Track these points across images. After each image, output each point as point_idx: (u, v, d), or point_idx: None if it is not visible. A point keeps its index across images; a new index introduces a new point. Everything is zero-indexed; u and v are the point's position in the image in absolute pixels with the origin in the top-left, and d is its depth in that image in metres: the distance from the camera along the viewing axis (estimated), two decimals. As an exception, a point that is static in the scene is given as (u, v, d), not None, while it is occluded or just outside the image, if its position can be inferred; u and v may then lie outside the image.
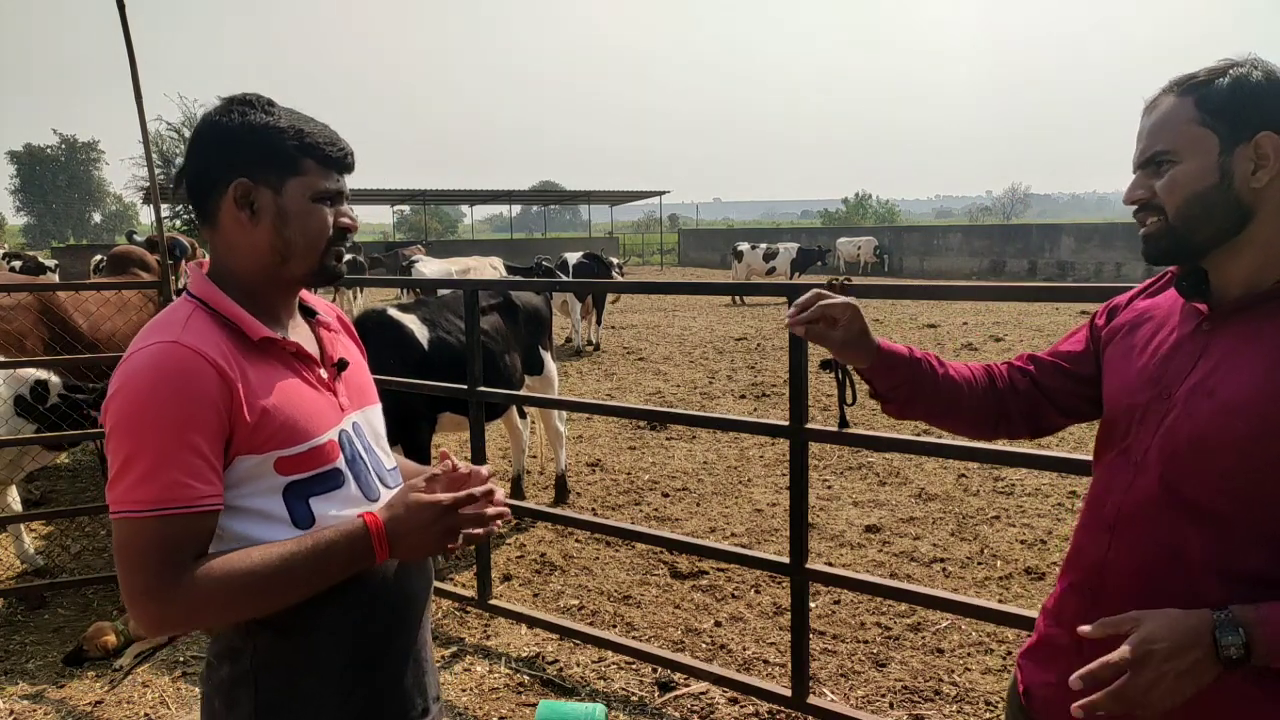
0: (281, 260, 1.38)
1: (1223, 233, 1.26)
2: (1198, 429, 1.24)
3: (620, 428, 7.68)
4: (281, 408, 1.32)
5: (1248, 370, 1.23)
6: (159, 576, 1.21)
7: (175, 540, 1.22)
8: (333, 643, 1.37)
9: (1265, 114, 1.22)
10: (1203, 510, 1.23)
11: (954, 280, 24.47)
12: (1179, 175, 1.27)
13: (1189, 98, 1.26)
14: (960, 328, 13.94)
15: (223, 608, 1.25)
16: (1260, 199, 1.24)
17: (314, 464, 1.35)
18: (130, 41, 3.69)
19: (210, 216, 1.38)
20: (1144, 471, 1.30)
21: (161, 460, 1.21)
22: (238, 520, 1.30)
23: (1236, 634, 1.10)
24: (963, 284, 3.21)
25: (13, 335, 5.20)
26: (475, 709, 3.32)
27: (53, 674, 3.66)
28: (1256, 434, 1.19)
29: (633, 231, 62.37)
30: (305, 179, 1.36)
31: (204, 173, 1.36)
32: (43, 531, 5.34)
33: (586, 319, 12.71)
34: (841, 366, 2.82)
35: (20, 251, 20.86)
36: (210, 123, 1.37)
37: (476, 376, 3.76)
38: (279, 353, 1.38)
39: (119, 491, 1.23)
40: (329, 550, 1.28)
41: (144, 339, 1.30)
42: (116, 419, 1.24)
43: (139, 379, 1.24)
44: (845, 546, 4.85)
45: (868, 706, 3.28)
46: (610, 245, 38.01)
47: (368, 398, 1.55)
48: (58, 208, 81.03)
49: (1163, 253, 1.32)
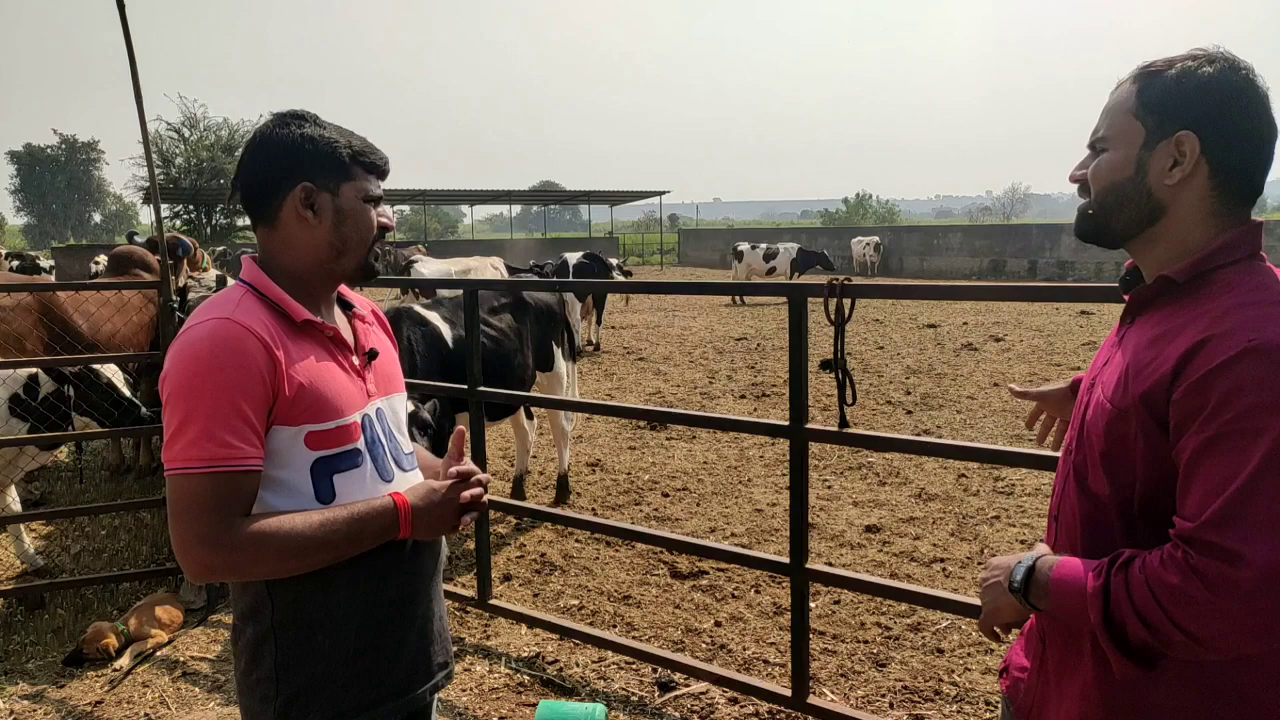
0: (337, 255, 1.54)
1: (1134, 224, 1.30)
2: (1090, 419, 1.33)
3: (620, 428, 7.68)
4: (316, 384, 1.47)
5: (1122, 360, 1.29)
6: (211, 526, 1.35)
7: (225, 496, 1.36)
8: (347, 606, 1.51)
9: (1197, 114, 1.23)
10: (1092, 494, 1.31)
11: (954, 280, 24.47)
12: (1103, 163, 1.32)
13: (1135, 86, 1.29)
14: (960, 328, 13.94)
15: (267, 560, 1.39)
16: (1174, 196, 1.26)
17: (339, 442, 1.49)
18: (130, 41, 3.69)
19: (270, 217, 1.53)
20: (1069, 462, 1.39)
21: (214, 423, 1.35)
22: (266, 489, 1.44)
23: (1021, 574, 1.28)
24: (963, 284, 3.21)
25: (12, 336, 5.20)
26: (475, 709, 3.32)
27: (53, 674, 3.66)
28: (1115, 419, 1.26)
29: (633, 231, 62.35)
30: (356, 183, 1.55)
31: (266, 179, 1.52)
32: (42, 532, 5.34)
33: (586, 319, 12.71)
34: (841, 366, 2.83)
35: (22, 252, 20.89)
36: (270, 134, 1.53)
37: (476, 376, 3.76)
38: (318, 335, 1.53)
39: (175, 450, 1.37)
40: (363, 521, 1.45)
41: (199, 315, 1.45)
42: (175, 384, 1.38)
43: (195, 349, 1.39)
44: (845, 546, 4.85)
45: (868, 706, 3.28)
46: (610, 245, 38.00)
47: (394, 386, 1.69)
48: (57, 208, 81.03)
49: (1085, 233, 1.38)
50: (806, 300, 2.89)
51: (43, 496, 6.06)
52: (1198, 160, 1.23)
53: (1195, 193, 1.25)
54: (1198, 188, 1.25)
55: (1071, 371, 9.54)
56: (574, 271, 13.28)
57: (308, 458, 1.46)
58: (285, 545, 1.38)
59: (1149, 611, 1.12)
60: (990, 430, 7.36)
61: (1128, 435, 1.23)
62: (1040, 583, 1.25)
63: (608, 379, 10.25)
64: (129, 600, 4.27)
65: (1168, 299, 1.27)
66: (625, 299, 17.92)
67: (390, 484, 1.56)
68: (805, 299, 2.88)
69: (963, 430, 7.43)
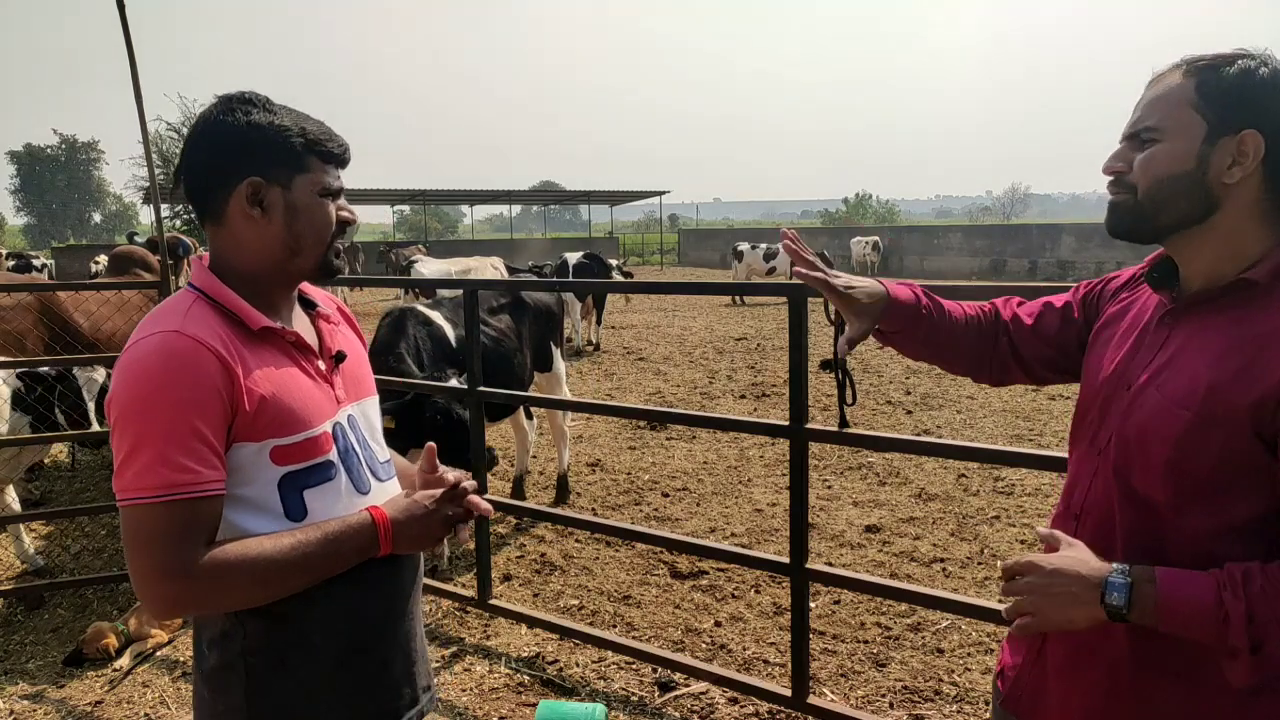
0: (291, 254, 1.41)
1: (1185, 219, 1.27)
2: (1144, 420, 1.27)
3: (620, 428, 7.68)
4: (280, 396, 1.35)
5: (1194, 363, 1.24)
6: (172, 557, 1.24)
7: (185, 524, 1.25)
8: (325, 628, 1.40)
9: (1257, 112, 1.22)
10: (1141, 498, 1.27)
11: (954, 280, 24.45)
12: (1158, 154, 1.27)
13: (1192, 80, 1.25)
14: (960, 328, 13.93)
15: (235, 590, 1.29)
16: (1230, 194, 1.24)
17: (307, 455, 1.38)
18: (130, 41, 3.68)
19: (216, 214, 1.40)
20: (1105, 461, 1.34)
21: (168, 446, 1.24)
22: (233, 509, 1.33)
23: (1123, 592, 1.18)
24: (963, 284, 3.21)
25: (13, 335, 5.20)
26: (475, 709, 3.32)
27: (53, 674, 3.66)
28: (1194, 426, 1.21)
29: (633, 231, 62.35)
30: (311, 175, 1.41)
31: (210, 172, 1.38)
32: (42, 531, 5.34)
33: (587, 319, 12.72)
34: (841, 366, 2.83)
35: (23, 252, 20.93)
36: (215, 122, 1.38)
37: (477, 376, 3.76)
38: (278, 342, 1.41)
39: (127, 478, 1.26)
40: (339, 540, 1.34)
41: (145, 329, 1.32)
42: (123, 407, 1.27)
43: (142, 368, 1.27)
44: (845, 546, 4.85)
45: (868, 706, 3.28)
46: (610, 245, 38.00)
47: (365, 389, 1.57)
48: (57, 208, 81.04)
49: (1125, 228, 1.32)
50: (806, 300, 2.88)
51: (43, 496, 6.06)
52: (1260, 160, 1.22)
53: (1250, 192, 1.24)
54: (1253, 188, 1.24)
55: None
56: (574, 271, 13.29)
57: (274, 474, 1.35)
58: (254, 573, 1.28)
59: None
60: (990, 430, 7.36)
61: (1212, 448, 1.19)
62: (1146, 601, 1.17)
63: (608, 379, 10.25)
64: (129, 600, 4.27)
65: (1234, 300, 1.24)
66: (625, 299, 17.92)
67: (367, 496, 1.45)
68: (805, 299, 2.88)
69: (963, 430, 7.43)
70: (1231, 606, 1.13)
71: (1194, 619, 1.15)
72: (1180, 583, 1.17)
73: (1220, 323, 1.25)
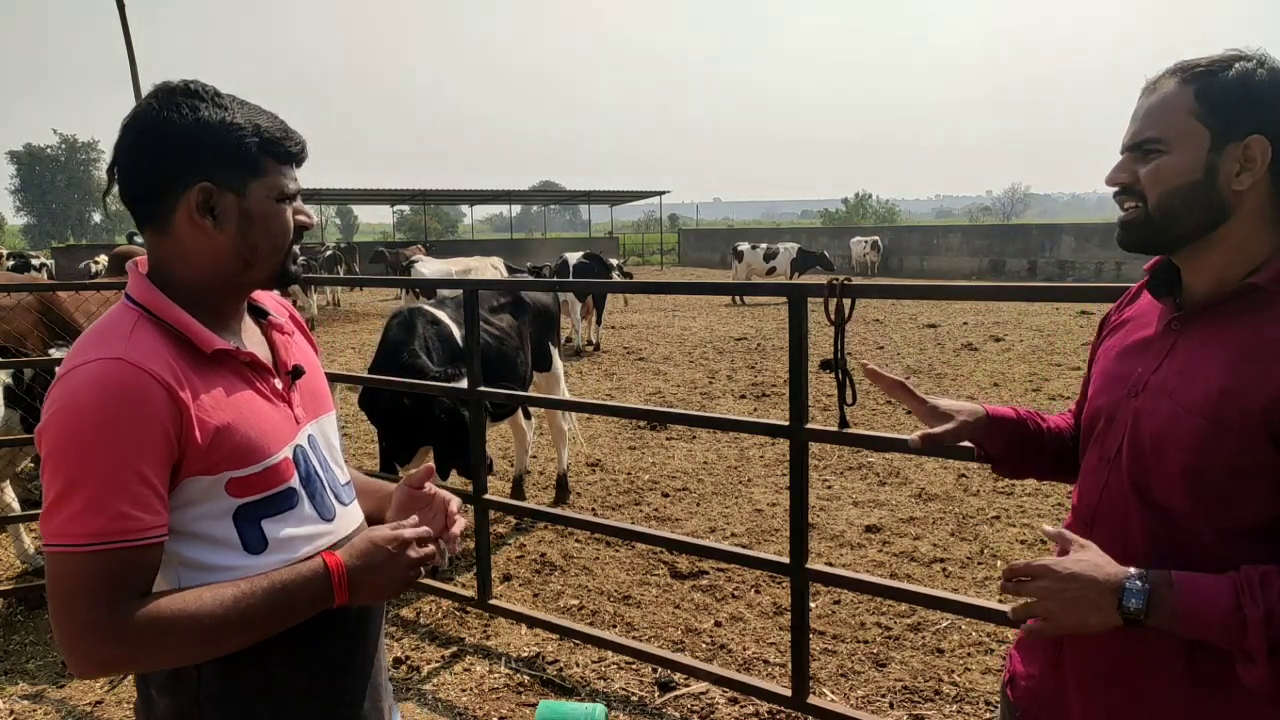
0: (245, 266, 1.28)
1: (1199, 229, 1.25)
2: (1158, 428, 1.26)
3: (620, 428, 7.68)
4: (236, 426, 1.22)
5: (1206, 370, 1.23)
6: (99, 613, 1.11)
7: (118, 576, 1.12)
8: (290, 666, 1.29)
9: (1260, 116, 1.21)
10: (1160, 507, 1.26)
11: (954, 280, 24.47)
12: (1165, 165, 1.25)
13: (1190, 87, 1.24)
14: (960, 328, 13.93)
15: (170, 649, 1.16)
16: (1239, 200, 1.23)
17: (267, 485, 1.26)
18: (130, 41, 3.69)
19: (159, 222, 1.25)
20: (1117, 469, 1.33)
21: (105, 490, 1.11)
22: (185, 545, 1.21)
23: (1141, 597, 1.17)
24: (963, 284, 3.21)
25: (13, 335, 5.20)
26: (475, 709, 3.32)
27: (53, 674, 3.66)
28: (1209, 433, 1.20)
29: (633, 231, 62.37)
30: (268, 180, 1.27)
31: (152, 175, 1.23)
32: (43, 531, 5.34)
33: (587, 319, 12.72)
34: (841, 366, 2.83)
35: (23, 252, 20.97)
36: (158, 118, 1.22)
37: (476, 376, 3.76)
38: (232, 364, 1.27)
39: (57, 523, 1.12)
40: (286, 592, 1.20)
41: (83, 353, 1.17)
42: (54, 443, 1.13)
43: (80, 400, 1.13)
44: (845, 546, 4.85)
45: (868, 706, 3.28)
46: (610, 245, 38.01)
47: (323, 405, 1.44)
48: (57, 208, 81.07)
49: (1138, 241, 1.31)
50: (806, 300, 2.89)
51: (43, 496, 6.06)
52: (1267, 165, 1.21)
53: (1259, 198, 1.23)
54: (1261, 193, 1.23)
55: (1071, 371, 9.55)
56: (574, 271, 13.30)
57: (230, 505, 1.23)
58: (192, 631, 1.13)
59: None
60: (990, 430, 7.35)
61: (1228, 453, 1.19)
62: (1163, 606, 1.17)
63: (608, 379, 10.24)
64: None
65: (1241, 306, 1.24)
66: (625, 299, 17.93)
67: (331, 524, 1.34)
68: (805, 299, 2.88)
69: (963, 430, 7.42)
70: (1250, 610, 1.12)
71: (1212, 622, 1.15)
72: (1198, 587, 1.16)
73: (1228, 329, 1.24)
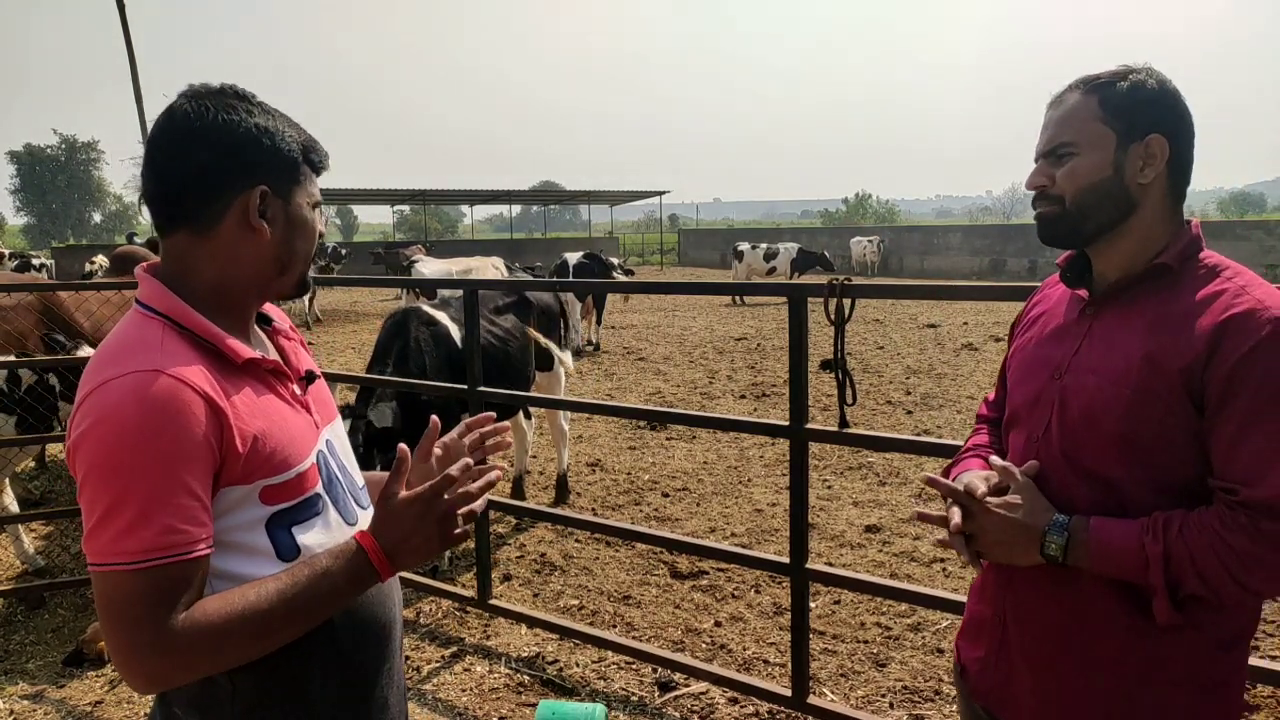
0: (280, 270, 1.30)
1: (1110, 221, 1.39)
2: (1086, 403, 1.37)
3: (620, 428, 7.68)
4: (269, 433, 1.23)
5: (1125, 344, 1.36)
6: (151, 630, 1.10)
7: (170, 591, 1.11)
8: (323, 676, 1.29)
9: (1156, 118, 1.36)
10: (1099, 476, 1.37)
11: (954, 280, 24.46)
12: (1079, 166, 1.39)
13: (1093, 96, 1.38)
14: (960, 328, 13.94)
15: (225, 651, 1.15)
16: (1144, 193, 1.38)
17: (297, 492, 1.26)
18: (130, 41, 3.69)
19: (201, 224, 1.24)
20: (1047, 445, 1.43)
21: (152, 506, 1.10)
22: (220, 556, 1.20)
23: (1060, 537, 1.33)
24: (963, 284, 3.21)
25: (13, 335, 5.20)
26: (475, 709, 3.32)
27: (53, 674, 3.66)
28: (1136, 400, 1.31)
29: (633, 231, 62.38)
30: (306, 187, 1.31)
31: (207, 175, 1.22)
32: (42, 531, 5.34)
33: (587, 319, 12.72)
34: (841, 366, 2.83)
35: (24, 252, 20.99)
36: (215, 119, 1.22)
37: (476, 376, 3.76)
38: (257, 371, 1.28)
39: (103, 541, 1.10)
40: (328, 577, 1.20)
41: (114, 366, 1.15)
42: (95, 459, 1.11)
43: (121, 415, 1.11)
44: (845, 546, 4.85)
45: (868, 706, 3.28)
46: (610, 245, 38.01)
47: (331, 410, 1.46)
48: (57, 208, 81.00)
49: (1057, 235, 1.44)
50: (806, 300, 2.89)
51: (42, 496, 6.06)
52: (1166, 160, 1.36)
53: (1159, 190, 1.38)
54: (1160, 186, 1.38)
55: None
56: (574, 271, 13.29)
57: (264, 514, 1.23)
58: (246, 630, 1.13)
59: (1212, 572, 1.23)
60: (990, 430, 7.36)
61: (1155, 416, 1.30)
62: (1079, 545, 1.32)
63: (608, 379, 10.25)
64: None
65: (1152, 285, 1.37)
66: (624, 299, 17.92)
67: (354, 527, 1.35)
68: (805, 299, 2.88)
69: (963, 430, 7.43)
70: (1150, 548, 1.26)
71: (1120, 560, 1.29)
72: (1110, 529, 1.30)
73: (1141, 306, 1.37)
